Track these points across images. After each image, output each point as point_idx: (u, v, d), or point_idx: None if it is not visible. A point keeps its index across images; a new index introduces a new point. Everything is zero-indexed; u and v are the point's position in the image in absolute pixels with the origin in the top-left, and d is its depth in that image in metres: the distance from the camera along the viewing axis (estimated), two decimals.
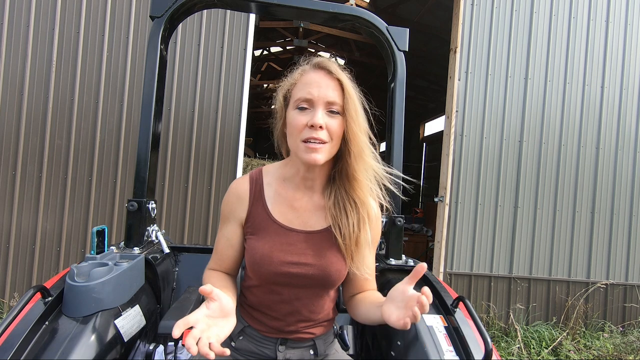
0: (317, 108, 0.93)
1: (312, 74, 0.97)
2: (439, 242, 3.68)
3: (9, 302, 3.21)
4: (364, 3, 5.47)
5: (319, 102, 0.93)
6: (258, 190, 1.06)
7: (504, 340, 3.47)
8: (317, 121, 0.91)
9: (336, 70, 0.96)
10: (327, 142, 0.94)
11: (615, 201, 3.82)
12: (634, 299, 3.83)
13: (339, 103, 0.94)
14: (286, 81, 1.03)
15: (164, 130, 3.35)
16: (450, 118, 3.65)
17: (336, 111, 0.94)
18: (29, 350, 0.88)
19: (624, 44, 3.86)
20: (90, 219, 3.30)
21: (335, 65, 0.98)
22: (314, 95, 0.93)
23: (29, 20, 3.26)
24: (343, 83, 0.95)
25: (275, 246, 1.00)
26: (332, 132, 0.94)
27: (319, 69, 0.97)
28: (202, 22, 3.43)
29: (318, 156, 0.93)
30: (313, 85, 0.94)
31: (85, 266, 1.11)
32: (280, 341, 1.06)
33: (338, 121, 0.94)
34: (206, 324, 0.79)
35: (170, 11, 1.42)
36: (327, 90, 0.94)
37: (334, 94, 0.94)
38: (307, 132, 0.93)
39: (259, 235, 1.02)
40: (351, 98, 0.94)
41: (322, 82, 0.95)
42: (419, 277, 0.85)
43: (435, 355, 0.99)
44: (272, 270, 0.98)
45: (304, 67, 1.01)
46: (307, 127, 0.93)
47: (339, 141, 0.96)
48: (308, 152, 0.93)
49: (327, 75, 0.96)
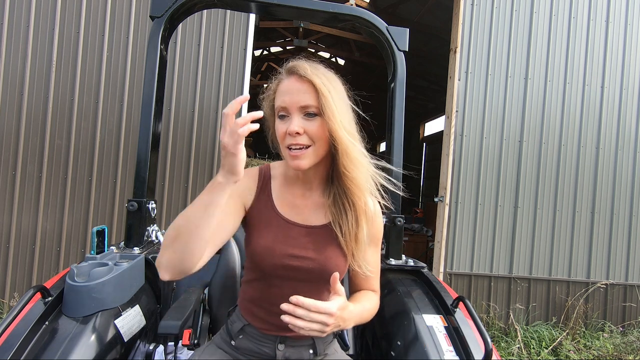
0: (293, 115, 0.95)
1: (286, 81, 0.98)
2: (439, 242, 3.68)
3: (9, 302, 3.21)
4: (364, 3, 5.47)
5: (292, 109, 0.95)
6: (265, 183, 1.09)
7: (504, 340, 3.47)
8: (292, 128, 0.93)
9: (306, 72, 0.95)
10: (310, 145, 0.95)
11: (615, 201, 3.82)
12: (634, 299, 3.82)
13: (314, 105, 0.94)
14: (269, 91, 1.04)
15: (164, 130, 3.34)
16: (450, 118, 3.65)
17: (313, 113, 0.94)
18: (29, 350, 0.88)
19: (624, 44, 3.86)
20: (90, 219, 3.30)
21: (307, 66, 0.97)
22: (287, 102, 0.95)
23: (29, 20, 3.26)
24: (315, 84, 0.94)
25: (277, 238, 1.02)
26: (312, 134, 0.94)
27: (290, 74, 0.98)
28: (202, 22, 3.42)
29: (301, 162, 0.95)
30: (286, 93, 0.96)
31: (85, 266, 1.11)
32: (280, 339, 1.06)
33: (317, 123, 0.94)
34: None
35: (170, 11, 1.42)
36: (299, 95, 0.94)
37: (307, 97, 0.94)
38: (289, 139, 0.95)
39: (262, 227, 1.04)
40: (325, 98, 0.93)
41: (294, 88, 0.95)
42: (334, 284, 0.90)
43: (435, 355, 1.00)
44: (274, 263, 1.00)
45: (281, 75, 1.01)
46: (287, 134, 0.95)
47: (325, 142, 0.96)
48: (292, 160, 0.95)
49: (299, 79, 0.95)
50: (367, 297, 1.10)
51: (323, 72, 0.98)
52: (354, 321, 0.98)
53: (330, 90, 0.95)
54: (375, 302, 1.12)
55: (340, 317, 0.88)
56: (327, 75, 0.98)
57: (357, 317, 1.00)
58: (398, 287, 1.36)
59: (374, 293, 1.14)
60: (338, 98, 0.96)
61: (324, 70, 0.99)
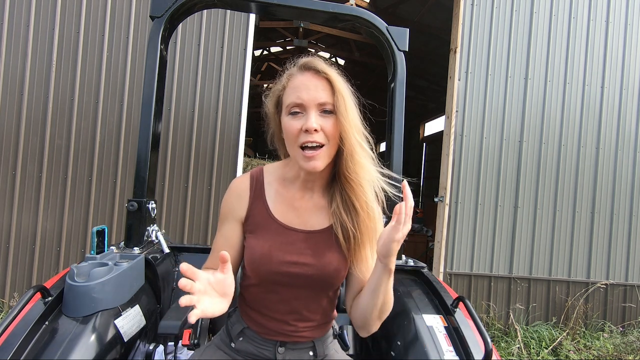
0: (310, 111, 0.92)
1: (300, 77, 0.95)
2: (439, 242, 3.68)
3: (9, 302, 3.21)
4: (364, 3, 5.47)
5: (310, 105, 0.92)
6: (259, 188, 1.06)
7: (504, 340, 3.47)
8: (311, 125, 0.90)
9: (323, 68, 0.94)
10: (325, 144, 0.93)
11: (615, 201, 3.82)
12: (634, 299, 3.82)
13: (330, 102, 0.92)
14: (275, 87, 1.02)
15: (164, 130, 3.34)
16: (450, 118, 3.65)
17: (329, 110, 0.93)
18: (29, 350, 0.88)
19: (624, 44, 3.86)
20: (90, 219, 3.30)
21: (322, 62, 0.96)
22: (304, 98, 0.92)
23: (29, 20, 3.26)
24: (332, 80, 0.93)
25: (274, 245, 1.00)
26: (327, 132, 0.92)
27: (305, 70, 0.96)
28: (202, 22, 3.42)
29: (317, 163, 0.92)
30: (302, 89, 0.93)
31: (85, 266, 1.11)
32: (280, 343, 1.05)
33: (332, 121, 0.93)
34: (204, 287, 0.75)
35: (170, 11, 1.42)
36: (317, 91, 0.92)
37: (324, 94, 0.92)
38: (303, 137, 0.92)
39: (259, 234, 1.02)
40: (341, 95, 0.92)
41: (311, 84, 0.93)
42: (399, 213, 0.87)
43: (435, 355, 0.99)
44: (271, 270, 0.98)
45: (291, 71, 0.99)
46: (302, 131, 0.92)
47: (336, 141, 0.94)
48: (306, 161, 0.93)
49: (315, 75, 0.94)
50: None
51: (335, 70, 0.97)
52: (391, 285, 0.94)
53: (344, 88, 0.94)
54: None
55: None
56: (339, 74, 0.97)
57: (391, 287, 0.96)
58: (398, 287, 1.36)
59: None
60: (350, 98, 0.95)
61: (335, 69, 0.97)
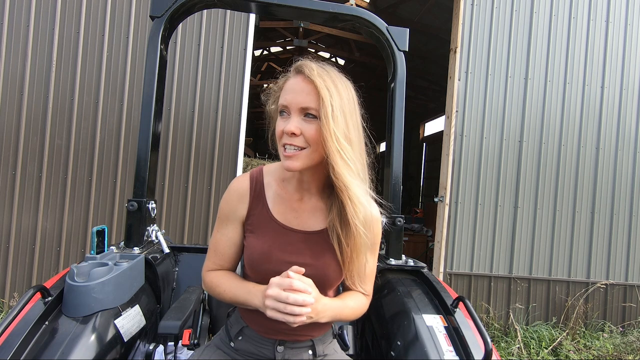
0: (292, 114, 0.93)
1: (292, 79, 0.96)
2: (438, 242, 3.68)
3: (9, 302, 3.21)
4: (364, 3, 5.46)
5: (292, 108, 0.93)
6: (259, 189, 1.06)
7: (504, 340, 3.47)
8: (289, 128, 0.91)
9: (311, 73, 0.92)
10: (305, 147, 0.93)
11: (615, 201, 3.82)
12: (634, 299, 3.82)
13: (314, 107, 0.91)
14: (276, 87, 1.03)
15: (164, 130, 3.34)
16: (450, 118, 3.65)
17: (313, 115, 0.92)
18: (29, 350, 0.88)
19: (624, 44, 3.86)
20: (90, 219, 3.30)
21: (314, 67, 0.94)
22: (289, 101, 0.93)
23: (29, 20, 3.26)
24: (317, 86, 0.91)
25: (274, 245, 1.01)
26: (308, 137, 0.92)
27: (297, 73, 0.96)
28: (202, 22, 3.42)
29: (294, 164, 0.93)
30: (290, 92, 0.94)
31: (85, 266, 1.11)
32: (279, 342, 1.06)
33: (315, 126, 0.92)
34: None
35: (170, 11, 1.42)
36: (301, 95, 0.92)
37: (308, 99, 0.92)
38: (285, 138, 0.93)
39: (259, 234, 1.03)
40: (323, 102, 0.90)
41: (298, 87, 0.93)
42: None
43: (435, 355, 0.99)
44: (270, 269, 0.98)
45: (289, 73, 1.00)
46: (284, 133, 0.93)
47: (321, 146, 0.92)
48: (285, 160, 0.94)
49: (304, 79, 0.93)
50: (352, 296, 1.07)
51: (333, 76, 0.95)
52: (330, 316, 0.97)
53: (332, 95, 0.91)
54: (361, 303, 1.08)
55: (314, 308, 0.90)
56: (336, 80, 0.95)
57: (334, 313, 0.98)
58: (398, 287, 1.36)
59: (362, 295, 1.10)
60: (340, 105, 0.93)
61: (334, 75, 0.95)
